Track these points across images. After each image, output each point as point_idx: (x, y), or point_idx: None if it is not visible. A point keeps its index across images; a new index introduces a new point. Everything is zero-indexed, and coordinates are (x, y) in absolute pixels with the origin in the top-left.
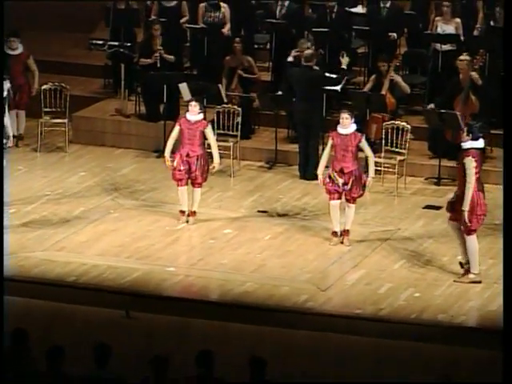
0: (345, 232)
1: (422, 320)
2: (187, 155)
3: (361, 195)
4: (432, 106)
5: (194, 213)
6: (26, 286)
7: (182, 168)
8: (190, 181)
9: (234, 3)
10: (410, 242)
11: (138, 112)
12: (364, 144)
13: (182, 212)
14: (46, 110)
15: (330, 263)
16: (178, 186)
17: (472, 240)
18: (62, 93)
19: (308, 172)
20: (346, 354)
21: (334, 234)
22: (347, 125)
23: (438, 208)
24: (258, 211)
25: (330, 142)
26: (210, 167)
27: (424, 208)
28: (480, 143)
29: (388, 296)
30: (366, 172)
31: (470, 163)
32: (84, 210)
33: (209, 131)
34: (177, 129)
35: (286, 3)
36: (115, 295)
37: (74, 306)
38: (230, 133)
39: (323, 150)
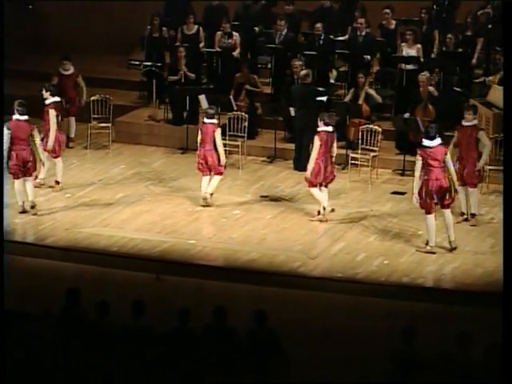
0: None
1: (390, 282)
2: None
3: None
4: (407, 115)
5: (211, 195)
6: (78, 254)
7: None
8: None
9: (242, 32)
10: (380, 220)
11: (166, 118)
12: None
13: (205, 195)
14: (94, 116)
15: (317, 237)
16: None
17: (428, 218)
18: (107, 103)
19: (300, 165)
20: (330, 308)
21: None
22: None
23: (402, 193)
24: (261, 196)
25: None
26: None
27: (392, 193)
28: (433, 142)
29: (363, 263)
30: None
31: (417, 160)
32: (124, 195)
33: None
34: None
35: (284, 32)
36: (148, 262)
37: (116, 270)
38: (239, 134)
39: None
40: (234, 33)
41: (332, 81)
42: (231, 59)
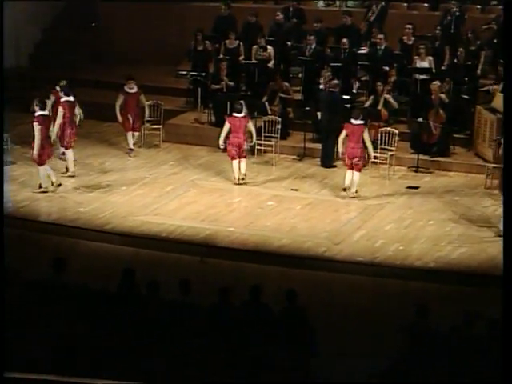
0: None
1: (405, 265)
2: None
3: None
4: (420, 119)
5: (245, 175)
6: (133, 239)
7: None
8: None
9: (276, 46)
10: (396, 211)
11: (210, 120)
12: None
13: (235, 178)
14: (147, 119)
15: (341, 225)
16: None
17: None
18: (158, 107)
19: (326, 162)
20: (352, 288)
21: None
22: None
23: (416, 188)
24: (292, 189)
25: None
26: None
27: (406, 188)
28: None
29: (381, 248)
30: None
31: None
32: (172, 188)
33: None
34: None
35: (313, 46)
36: (193, 246)
37: (165, 253)
38: (273, 135)
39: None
40: (269, 46)
41: (354, 91)
42: (266, 70)
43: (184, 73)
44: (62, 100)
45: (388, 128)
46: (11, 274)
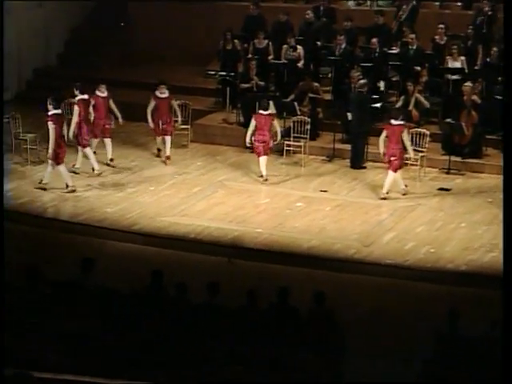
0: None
1: (436, 268)
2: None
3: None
4: (450, 120)
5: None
6: (161, 240)
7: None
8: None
9: (306, 46)
10: (428, 213)
11: (238, 121)
12: None
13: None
14: (175, 119)
15: (371, 227)
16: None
17: None
18: (187, 107)
19: (356, 164)
20: (381, 291)
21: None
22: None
23: (447, 190)
24: (321, 190)
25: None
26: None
27: (438, 189)
28: None
29: (412, 251)
30: None
31: None
32: (200, 188)
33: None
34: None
35: (342, 46)
36: (221, 247)
37: (192, 254)
38: (302, 136)
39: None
40: (298, 46)
41: (382, 89)
42: (296, 70)
43: (213, 73)
44: (77, 98)
45: (419, 129)
46: (37, 274)
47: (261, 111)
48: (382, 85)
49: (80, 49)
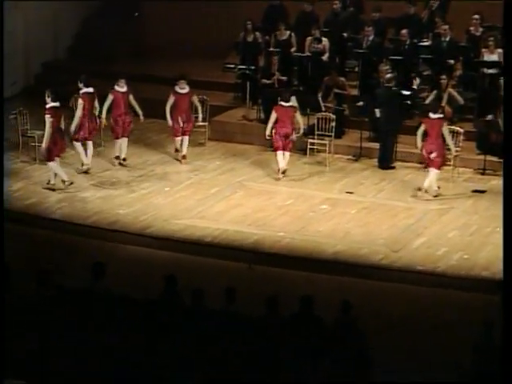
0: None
1: (470, 275)
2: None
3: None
4: (490, 116)
5: (285, 170)
6: (176, 244)
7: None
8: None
9: (331, 37)
10: (461, 217)
11: (258, 117)
12: None
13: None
14: (195, 115)
15: (399, 232)
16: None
17: None
18: (204, 103)
19: (384, 163)
20: (410, 300)
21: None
22: None
23: (482, 192)
24: (347, 192)
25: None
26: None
27: (472, 191)
28: None
29: (443, 257)
30: None
31: None
32: (218, 189)
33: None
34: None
35: (371, 38)
36: (240, 252)
37: (209, 259)
38: (327, 133)
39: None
40: (324, 38)
41: (415, 87)
42: (320, 63)
43: (232, 66)
44: (82, 92)
45: (452, 126)
46: (46, 279)
47: (282, 103)
48: (416, 82)
49: (91, 41)
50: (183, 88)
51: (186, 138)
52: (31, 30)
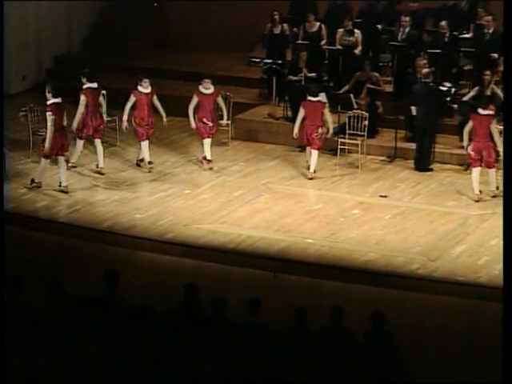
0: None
1: None
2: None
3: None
4: None
5: (314, 171)
6: (196, 251)
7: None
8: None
9: (364, 29)
10: None
11: (285, 115)
12: None
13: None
14: (219, 113)
15: (438, 239)
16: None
17: None
18: (227, 100)
19: (421, 165)
20: (450, 313)
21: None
22: None
23: None
24: (380, 196)
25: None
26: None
27: None
28: None
29: (486, 266)
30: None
31: None
32: (242, 192)
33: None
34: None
35: (407, 30)
36: (265, 260)
37: (232, 267)
38: (359, 133)
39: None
40: (356, 30)
41: (445, 89)
42: (352, 57)
43: (257, 60)
44: (85, 87)
45: (496, 125)
46: (56, 288)
47: (310, 98)
48: (447, 86)
49: (107, 33)
50: (208, 88)
51: (208, 140)
52: (43, 20)
